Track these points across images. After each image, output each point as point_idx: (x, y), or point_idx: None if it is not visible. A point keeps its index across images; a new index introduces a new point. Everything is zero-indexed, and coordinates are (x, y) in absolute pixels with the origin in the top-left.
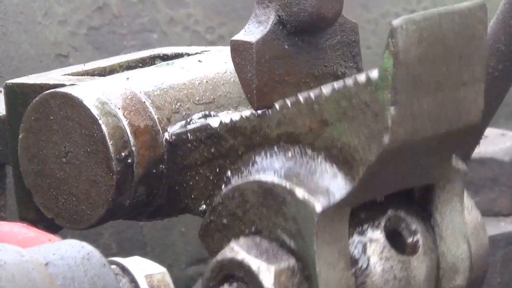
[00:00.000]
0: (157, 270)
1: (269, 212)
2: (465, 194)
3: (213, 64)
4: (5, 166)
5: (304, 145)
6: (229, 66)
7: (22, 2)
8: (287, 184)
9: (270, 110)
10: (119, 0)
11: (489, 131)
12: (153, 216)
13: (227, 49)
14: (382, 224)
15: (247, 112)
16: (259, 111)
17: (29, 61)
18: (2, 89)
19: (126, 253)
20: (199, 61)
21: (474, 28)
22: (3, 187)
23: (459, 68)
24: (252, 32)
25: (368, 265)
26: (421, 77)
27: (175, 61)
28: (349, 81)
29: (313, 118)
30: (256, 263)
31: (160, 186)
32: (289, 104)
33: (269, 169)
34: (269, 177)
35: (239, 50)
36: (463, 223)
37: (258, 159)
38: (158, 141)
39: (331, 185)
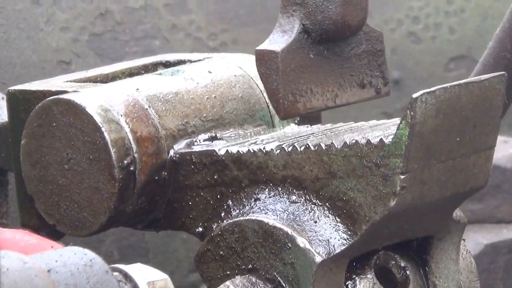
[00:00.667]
0: (160, 277)
1: (268, 254)
2: (462, 242)
3: (222, 76)
4: (7, 173)
5: (309, 192)
6: (239, 79)
7: (25, 8)
8: (288, 230)
9: (278, 151)
10: (121, 6)
11: None
12: (150, 226)
13: (230, 56)
14: (372, 261)
15: (255, 147)
16: (267, 149)
17: (31, 68)
18: (5, 96)
19: (128, 260)
20: (209, 72)
21: (492, 100)
22: (5, 193)
23: (473, 137)
24: (276, 41)
25: None
26: (434, 147)
27: (182, 68)
28: (362, 140)
29: (321, 168)
30: None
31: (162, 193)
32: (298, 149)
33: (271, 210)
34: (271, 219)
35: (264, 60)
36: (457, 271)
37: (261, 196)
38: (161, 148)
39: (332, 237)
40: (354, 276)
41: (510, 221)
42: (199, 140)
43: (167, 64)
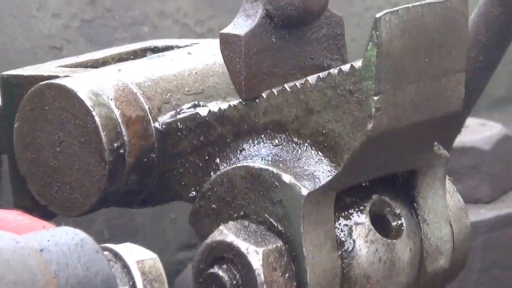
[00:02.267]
0: (148, 256)
1: (257, 197)
2: (447, 179)
3: (202, 56)
4: (0, 155)
5: (290, 133)
6: (218, 58)
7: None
8: (274, 170)
9: (257, 100)
10: None
11: (470, 121)
12: (144, 203)
13: (216, 41)
14: (367, 208)
15: (235, 102)
16: (247, 101)
17: (23, 54)
18: None
19: (118, 240)
20: (188, 53)
21: (455, 20)
22: (0, 171)
23: (441, 59)
24: (240, 25)
25: (353, 247)
26: (403, 68)
27: (166, 53)
28: (334, 71)
29: (299, 107)
30: (244, 245)
31: (151, 174)
32: (275, 93)
33: (256, 155)
34: (256, 163)
35: (228, 43)
36: (446, 207)
37: (246, 146)
38: (149, 130)
39: (316, 170)
40: (349, 222)
41: (488, 202)
42: (183, 109)
43: (155, 50)
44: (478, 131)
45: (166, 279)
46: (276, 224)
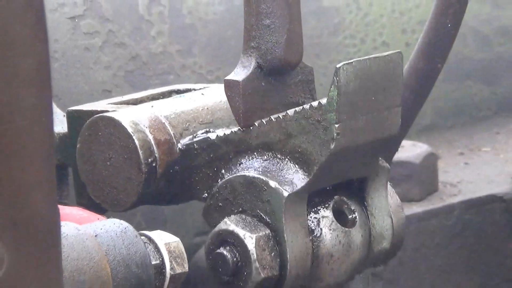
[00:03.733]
0: (173, 239)
1: (251, 197)
2: (388, 184)
3: (212, 96)
4: (67, 167)
5: (275, 151)
6: (223, 98)
7: (79, 53)
8: (263, 178)
9: (251, 127)
10: (147, 52)
11: (404, 142)
12: (170, 202)
13: (222, 86)
14: (331, 205)
15: (235, 129)
16: (244, 128)
17: (84, 95)
18: (65, 114)
19: (152, 228)
20: (202, 94)
21: (393, 70)
22: (66, 182)
23: (383, 97)
24: (239, 73)
25: (321, 234)
26: (356, 103)
27: (185, 94)
28: (307, 106)
29: (281, 132)
30: (242, 232)
31: (174, 181)
32: (264, 122)
33: (251, 167)
34: (251, 173)
35: (230, 86)
36: (387, 204)
37: (243, 160)
38: (174, 149)
39: (294, 178)
40: (317, 216)
41: (418, 200)
42: (198, 134)
43: (178, 92)
44: (410, 150)
45: (186, 256)
46: (265, 217)
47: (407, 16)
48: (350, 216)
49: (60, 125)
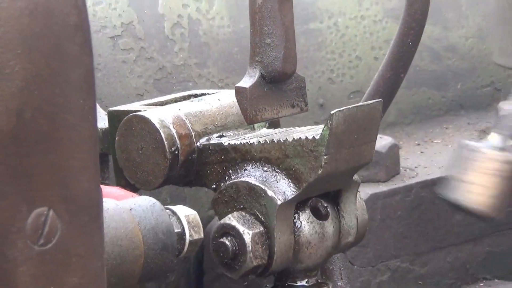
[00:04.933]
0: (192, 212)
1: (251, 199)
2: (358, 192)
3: (226, 102)
4: (108, 155)
5: (274, 166)
6: (235, 104)
7: (118, 66)
8: (262, 186)
9: (256, 143)
10: (171, 64)
11: None
12: (188, 184)
13: (232, 91)
14: (309, 204)
15: (244, 141)
16: (250, 142)
17: (121, 98)
18: (107, 113)
19: (175, 203)
20: (218, 99)
21: (374, 115)
22: (107, 167)
23: (363, 135)
24: (246, 82)
25: (301, 226)
26: (342, 140)
27: (203, 97)
28: (303, 137)
29: (281, 153)
30: (242, 228)
31: (192, 168)
32: (268, 141)
33: (253, 175)
34: (252, 180)
35: (239, 92)
36: (355, 209)
37: (247, 167)
38: (192, 142)
39: (286, 190)
40: (298, 212)
41: (384, 181)
42: (213, 137)
43: (196, 96)
44: (378, 141)
45: (201, 225)
46: (260, 217)
47: (375, 36)
48: (324, 212)
49: (102, 121)
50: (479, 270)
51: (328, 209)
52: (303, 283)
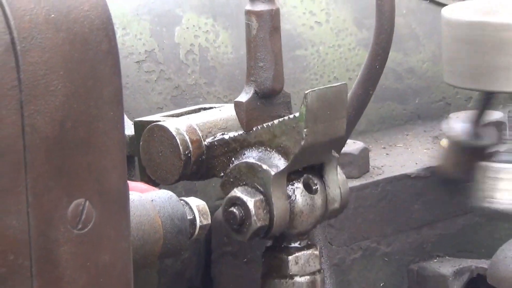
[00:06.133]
0: (202, 203)
1: (251, 175)
2: (338, 166)
3: (227, 112)
4: (134, 157)
5: (266, 146)
6: (233, 113)
7: (142, 84)
8: (258, 163)
9: (251, 131)
10: (185, 84)
11: (348, 141)
12: (199, 178)
13: (232, 105)
14: (301, 180)
15: (241, 132)
16: (247, 132)
17: (144, 111)
18: (133, 123)
19: (188, 195)
20: (220, 110)
21: (340, 94)
22: (133, 166)
23: (335, 112)
24: (243, 97)
25: (295, 199)
26: (318, 116)
27: (209, 110)
28: (286, 117)
29: (270, 134)
30: (245, 198)
31: (202, 165)
32: (260, 128)
33: (251, 156)
34: (251, 160)
35: (237, 105)
36: (337, 180)
37: (246, 152)
38: (201, 146)
39: (278, 163)
40: (293, 187)
41: (356, 177)
42: (217, 136)
43: (204, 109)
44: (351, 145)
45: (209, 213)
46: (260, 188)
47: (350, 61)
48: (314, 187)
49: (129, 130)
50: (433, 249)
51: (317, 184)
52: (296, 244)
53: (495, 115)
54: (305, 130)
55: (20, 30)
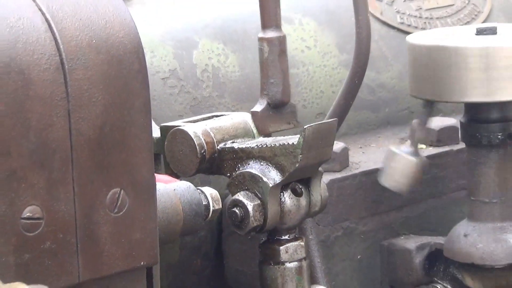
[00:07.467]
0: (214, 191)
1: (253, 184)
2: (322, 177)
3: (237, 120)
4: (160, 155)
5: (267, 161)
6: (243, 121)
7: (166, 97)
8: (259, 175)
9: (255, 146)
10: (201, 96)
11: None
12: (211, 173)
13: (241, 113)
14: (290, 186)
15: (247, 145)
16: (251, 146)
17: (168, 118)
18: (159, 127)
19: (203, 185)
20: (231, 118)
21: (331, 128)
22: (159, 162)
23: (325, 142)
24: (258, 107)
25: (285, 200)
26: (312, 145)
27: (221, 117)
28: (285, 142)
29: (272, 153)
30: (246, 201)
31: (214, 163)
32: (263, 146)
33: (254, 168)
34: (254, 171)
35: (253, 114)
36: (320, 189)
37: (250, 162)
38: (214, 147)
39: (275, 177)
40: (283, 192)
41: (338, 171)
42: (228, 143)
43: (217, 116)
44: (334, 145)
45: (220, 199)
46: (258, 194)
47: (333, 78)
48: (299, 191)
49: (156, 133)
50: (400, 228)
51: (302, 189)
52: (286, 237)
53: (448, 121)
54: (300, 156)
55: (68, 53)
